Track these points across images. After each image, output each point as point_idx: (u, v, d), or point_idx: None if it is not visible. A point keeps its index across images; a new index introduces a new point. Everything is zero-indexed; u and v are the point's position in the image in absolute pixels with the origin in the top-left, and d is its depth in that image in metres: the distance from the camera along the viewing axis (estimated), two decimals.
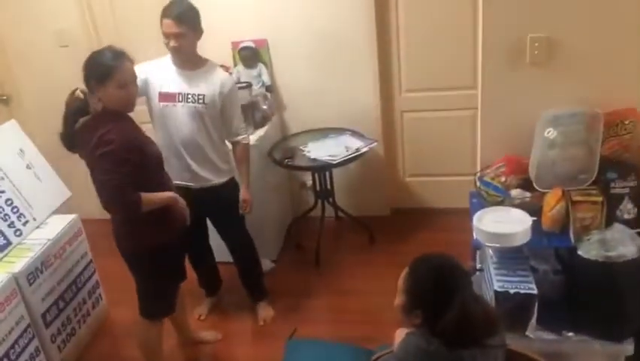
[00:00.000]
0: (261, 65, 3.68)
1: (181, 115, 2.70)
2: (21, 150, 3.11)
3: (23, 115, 3.93)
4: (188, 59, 2.70)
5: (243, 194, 2.88)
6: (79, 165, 2.39)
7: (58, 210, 3.13)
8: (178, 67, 2.71)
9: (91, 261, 3.18)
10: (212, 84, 2.69)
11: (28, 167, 3.10)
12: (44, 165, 3.19)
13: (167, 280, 2.55)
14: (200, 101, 2.68)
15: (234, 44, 3.71)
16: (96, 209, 2.51)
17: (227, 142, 2.89)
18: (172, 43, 2.59)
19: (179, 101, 2.69)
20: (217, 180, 2.85)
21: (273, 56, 3.71)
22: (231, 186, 2.91)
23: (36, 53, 3.94)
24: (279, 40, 3.66)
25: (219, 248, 3.18)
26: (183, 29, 2.56)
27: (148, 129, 2.60)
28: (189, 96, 2.69)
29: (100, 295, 3.28)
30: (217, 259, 3.27)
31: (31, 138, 3.23)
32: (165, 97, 2.71)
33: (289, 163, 3.43)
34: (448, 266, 1.51)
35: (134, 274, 2.50)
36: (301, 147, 3.54)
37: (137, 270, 2.48)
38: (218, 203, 2.90)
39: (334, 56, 3.65)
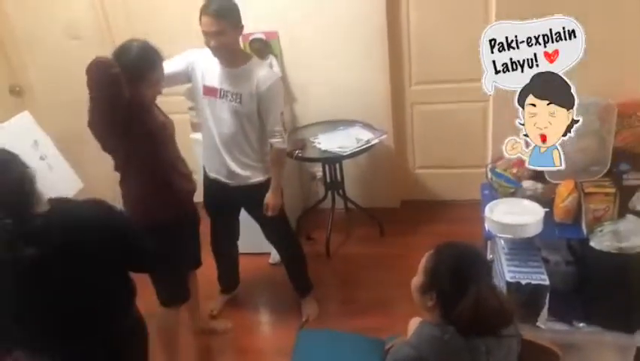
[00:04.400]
0: (271, 57, 3.68)
1: (221, 111, 2.66)
2: (35, 142, 3.13)
3: (36, 106, 3.95)
4: (231, 57, 2.60)
5: (267, 196, 2.78)
6: (92, 156, 2.41)
7: None
8: (221, 64, 2.63)
9: None
10: (249, 82, 2.60)
11: (41, 158, 3.12)
12: (57, 157, 3.21)
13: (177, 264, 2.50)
14: (238, 100, 2.62)
15: (245, 36, 3.69)
16: (109, 198, 2.52)
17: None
18: (212, 42, 2.49)
19: (219, 97, 2.65)
20: (253, 179, 2.79)
21: (283, 47, 3.71)
22: (268, 186, 2.80)
23: (47, 46, 3.95)
24: (290, 32, 3.66)
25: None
26: (222, 26, 2.45)
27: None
28: (228, 94, 2.64)
29: None
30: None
31: (44, 129, 3.24)
32: (208, 91, 2.67)
33: (299, 155, 3.43)
34: (470, 255, 1.52)
35: None
36: (311, 139, 3.54)
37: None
38: (254, 202, 2.83)
39: (345, 48, 3.64)
